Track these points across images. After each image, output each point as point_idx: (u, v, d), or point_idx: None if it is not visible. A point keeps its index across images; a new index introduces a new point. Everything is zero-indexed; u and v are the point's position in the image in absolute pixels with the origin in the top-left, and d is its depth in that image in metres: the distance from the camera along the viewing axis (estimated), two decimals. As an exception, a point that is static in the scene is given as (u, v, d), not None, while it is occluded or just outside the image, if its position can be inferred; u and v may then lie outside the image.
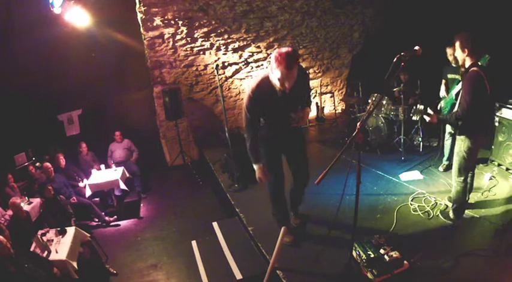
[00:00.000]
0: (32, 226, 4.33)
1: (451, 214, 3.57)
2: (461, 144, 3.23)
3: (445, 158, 4.70)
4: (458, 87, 3.78)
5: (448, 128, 4.46)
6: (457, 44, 3.09)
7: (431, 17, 6.16)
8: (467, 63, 3.08)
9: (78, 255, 3.88)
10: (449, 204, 3.66)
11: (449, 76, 4.47)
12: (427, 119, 3.41)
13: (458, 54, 3.13)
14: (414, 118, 3.55)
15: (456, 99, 3.95)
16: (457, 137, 3.30)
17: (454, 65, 4.33)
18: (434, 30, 5.33)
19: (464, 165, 3.28)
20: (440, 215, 3.65)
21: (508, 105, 4.32)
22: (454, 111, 3.29)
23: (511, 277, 2.75)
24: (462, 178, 3.33)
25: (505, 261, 2.90)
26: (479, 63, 3.07)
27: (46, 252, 3.66)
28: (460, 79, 3.91)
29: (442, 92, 4.48)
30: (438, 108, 4.42)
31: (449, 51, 4.31)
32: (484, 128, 3.34)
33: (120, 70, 6.42)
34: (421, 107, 4.06)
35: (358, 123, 2.40)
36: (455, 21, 5.23)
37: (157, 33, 6.13)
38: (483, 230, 3.36)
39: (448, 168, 4.59)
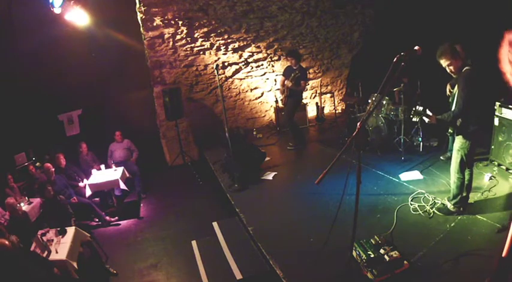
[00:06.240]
0: (32, 226, 4.33)
1: (451, 207, 3.63)
2: (461, 142, 3.38)
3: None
4: None
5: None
6: (448, 56, 3.22)
7: (432, 17, 6.16)
8: (460, 67, 3.26)
9: (78, 255, 3.87)
10: (449, 204, 3.67)
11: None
12: (426, 120, 3.45)
13: (452, 63, 3.25)
14: (414, 119, 3.58)
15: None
16: (456, 135, 3.42)
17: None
18: (434, 30, 5.33)
19: (464, 161, 3.45)
20: (438, 212, 3.68)
21: (508, 105, 4.32)
22: (451, 110, 3.34)
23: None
24: (462, 173, 3.50)
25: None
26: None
27: (46, 252, 3.65)
28: None
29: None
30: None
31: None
32: (480, 124, 3.45)
33: (120, 70, 6.41)
34: (420, 108, 4.05)
35: (358, 123, 2.40)
36: (455, 21, 5.25)
37: (158, 33, 6.13)
38: (483, 230, 3.36)
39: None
